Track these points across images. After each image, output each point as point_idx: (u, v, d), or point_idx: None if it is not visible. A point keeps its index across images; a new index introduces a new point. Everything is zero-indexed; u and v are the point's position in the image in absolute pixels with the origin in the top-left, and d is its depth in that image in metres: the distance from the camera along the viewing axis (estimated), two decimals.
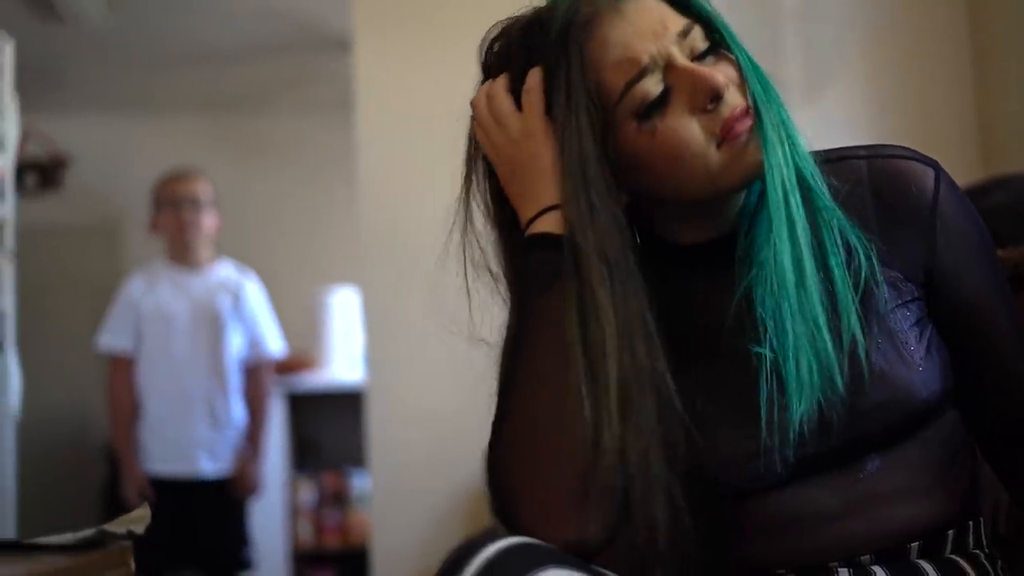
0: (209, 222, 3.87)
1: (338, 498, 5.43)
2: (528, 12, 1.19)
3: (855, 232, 1.15)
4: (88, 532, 1.30)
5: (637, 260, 1.13)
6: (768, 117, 1.13)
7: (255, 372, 3.90)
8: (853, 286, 1.13)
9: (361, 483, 5.26)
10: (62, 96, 5.53)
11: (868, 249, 1.15)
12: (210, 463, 3.76)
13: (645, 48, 1.12)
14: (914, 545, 1.14)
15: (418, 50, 3.05)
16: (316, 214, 5.92)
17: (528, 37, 1.18)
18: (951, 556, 1.16)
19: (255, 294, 3.95)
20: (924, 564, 1.13)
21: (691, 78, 1.11)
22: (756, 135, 1.12)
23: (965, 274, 1.20)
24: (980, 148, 2.80)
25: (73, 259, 5.93)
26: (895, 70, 2.87)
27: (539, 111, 1.16)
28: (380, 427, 3.04)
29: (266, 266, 4.57)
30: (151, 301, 3.77)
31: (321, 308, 5.44)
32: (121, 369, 3.75)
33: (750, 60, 1.16)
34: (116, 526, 1.32)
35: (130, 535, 1.31)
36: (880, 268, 1.15)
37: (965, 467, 1.21)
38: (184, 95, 5.78)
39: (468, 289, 1.24)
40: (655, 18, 1.13)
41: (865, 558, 1.13)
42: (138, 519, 1.35)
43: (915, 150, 1.22)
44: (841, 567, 1.13)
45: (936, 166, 1.21)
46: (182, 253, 3.85)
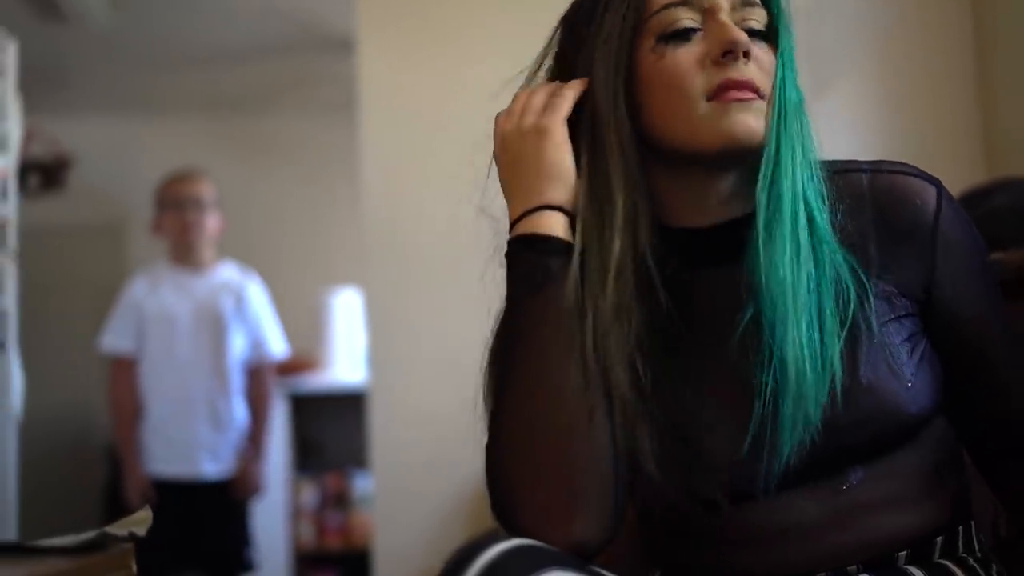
0: (212, 223, 3.87)
1: (340, 499, 5.42)
2: None
3: (850, 264, 1.14)
4: (89, 534, 1.30)
5: (645, 258, 1.14)
6: (786, 138, 1.14)
7: (257, 373, 3.90)
8: (841, 321, 1.13)
9: (363, 484, 5.25)
10: (66, 96, 5.54)
11: (863, 287, 1.14)
12: (212, 464, 3.75)
13: None
14: (902, 554, 1.13)
15: (421, 51, 3.05)
16: (319, 215, 5.93)
17: None
18: (940, 561, 1.15)
19: (258, 295, 3.95)
20: (913, 570, 1.13)
21: (719, 29, 1.14)
22: (751, 117, 1.13)
23: (962, 292, 1.20)
24: (984, 150, 2.80)
25: (76, 260, 5.94)
26: (900, 71, 2.87)
27: (563, 114, 1.18)
28: (382, 428, 3.03)
29: (269, 267, 4.58)
30: (154, 302, 3.77)
31: (324, 309, 5.44)
32: (123, 370, 3.75)
33: (793, 74, 1.17)
34: (118, 528, 1.32)
35: (132, 537, 1.31)
36: (874, 282, 1.15)
37: (954, 473, 1.20)
38: (187, 95, 5.79)
39: None
40: None
41: (852, 568, 1.12)
42: (140, 521, 1.34)
43: (917, 167, 1.22)
44: None
45: (938, 184, 1.21)
46: (185, 254, 3.85)
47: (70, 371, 5.54)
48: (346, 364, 5.37)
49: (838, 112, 2.80)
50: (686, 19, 1.15)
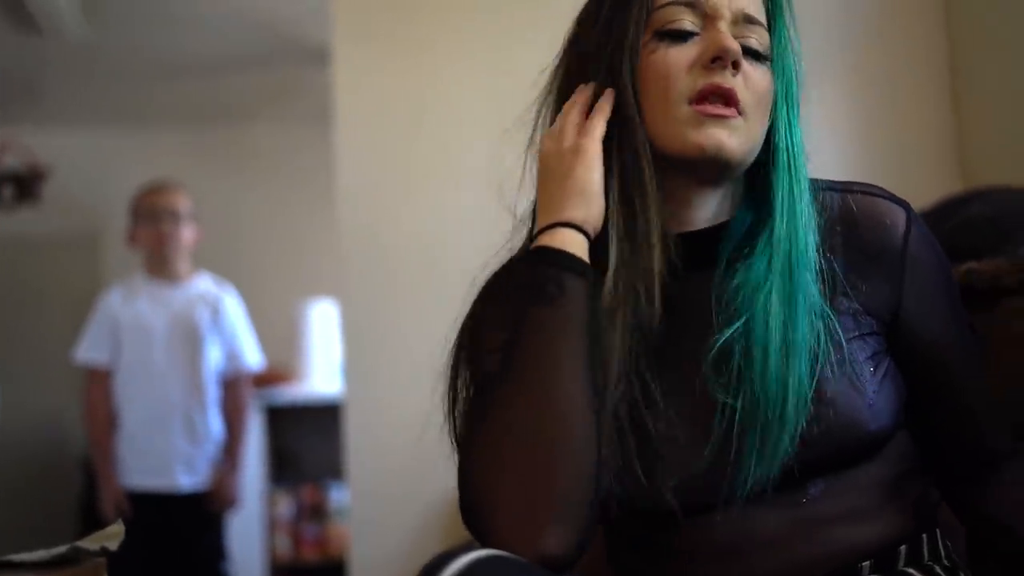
0: (188, 235, 3.86)
1: (316, 511, 5.41)
2: None
3: (821, 304, 1.16)
4: (61, 549, 1.29)
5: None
6: (783, 169, 1.18)
7: (233, 385, 3.89)
8: (815, 340, 1.14)
9: (339, 496, 5.24)
10: (41, 108, 5.51)
11: (830, 305, 1.16)
12: (187, 476, 3.74)
13: None
14: (865, 564, 1.14)
15: (397, 61, 3.05)
16: (295, 226, 5.92)
17: None
18: (905, 569, 1.16)
19: (233, 307, 3.94)
20: None
21: (714, 35, 1.16)
22: (724, 133, 1.14)
23: (928, 314, 1.22)
24: (958, 160, 2.81)
25: (51, 271, 5.90)
26: (875, 81, 2.88)
27: (599, 134, 1.18)
28: (358, 440, 3.02)
29: (245, 278, 4.56)
30: (129, 314, 3.76)
31: (300, 321, 5.43)
32: (99, 382, 3.73)
33: (795, 103, 1.22)
34: (90, 543, 1.31)
35: (104, 552, 1.30)
36: (840, 299, 1.17)
37: (917, 482, 1.21)
38: (163, 107, 5.77)
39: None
40: None
41: None
42: (112, 535, 1.33)
43: (887, 190, 1.24)
44: None
45: (907, 207, 1.23)
46: (161, 266, 3.84)
47: (45, 382, 5.50)
48: (322, 375, 5.36)
49: (813, 123, 2.80)
50: (687, 21, 1.17)
